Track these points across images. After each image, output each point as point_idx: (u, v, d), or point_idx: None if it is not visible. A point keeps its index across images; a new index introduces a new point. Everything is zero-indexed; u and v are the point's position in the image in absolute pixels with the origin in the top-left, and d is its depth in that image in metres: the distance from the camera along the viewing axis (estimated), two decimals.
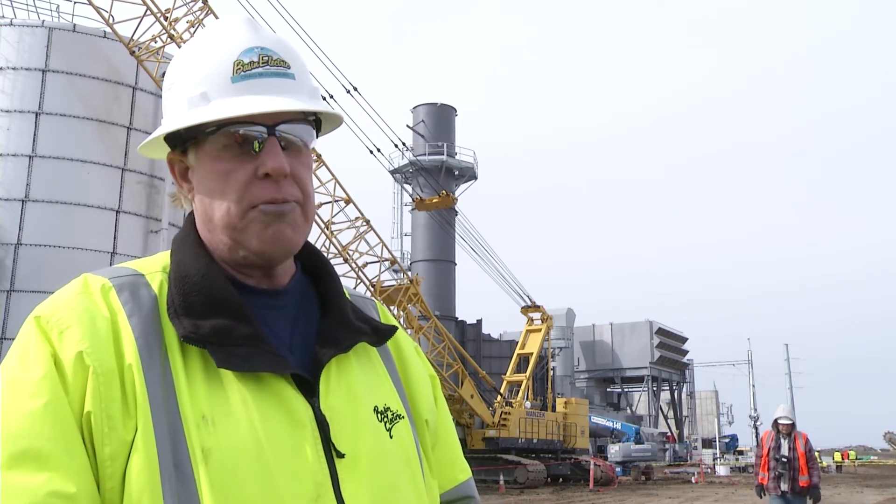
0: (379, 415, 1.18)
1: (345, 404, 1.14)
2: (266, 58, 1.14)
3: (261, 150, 1.12)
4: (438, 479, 1.31)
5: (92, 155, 20.57)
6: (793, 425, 10.25)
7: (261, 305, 1.16)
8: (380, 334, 1.27)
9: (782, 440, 10.14)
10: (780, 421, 10.30)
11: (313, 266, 1.28)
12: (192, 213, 1.22)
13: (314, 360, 1.15)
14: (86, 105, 20.79)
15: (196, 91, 1.13)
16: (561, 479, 31.79)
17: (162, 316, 1.10)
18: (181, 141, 1.16)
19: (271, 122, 1.12)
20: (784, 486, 10.01)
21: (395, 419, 1.20)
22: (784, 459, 10.01)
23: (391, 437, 1.17)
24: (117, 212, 20.81)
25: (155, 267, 1.17)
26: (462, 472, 1.38)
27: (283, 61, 1.15)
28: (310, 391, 1.12)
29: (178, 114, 1.15)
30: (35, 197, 19.94)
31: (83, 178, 20.33)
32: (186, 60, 1.17)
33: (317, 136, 1.21)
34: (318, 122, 1.20)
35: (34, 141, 20.17)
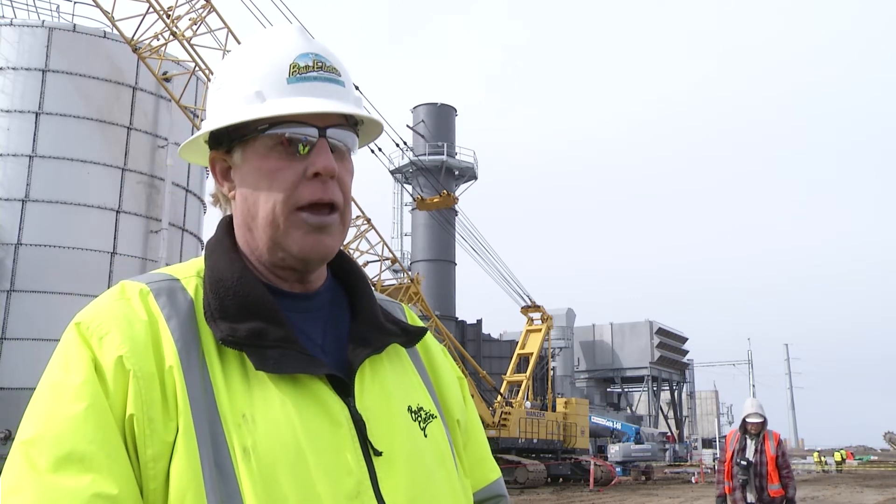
0: (413, 414, 1.21)
1: (379, 404, 1.17)
2: (320, 63, 1.19)
3: (308, 152, 1.15)
4: (470, 479, 1.34)
5: (92, 155, 20.55)
6: (763, 423, 8.55)
7: (293, 309, 1.19)
8: (410, 336, 1.29)
9: (748, 441, 8.52)
10: (748, 419, 8.58)
11: (343, 270, 1.31)
12: (224, 218, 1.26)
13: (348, 361, 1.18)
14: (86, 105, 20.77)
15: (251, 90, 1.16)
16: (561, 479, 31.79)
17: (199, 319, 1.13)
18: (227, 139, 1.20)
19: (322, 124, 1.16)
20: (750, 497, 8.35)
21: (429, 418, 1.23)
22: (743, 464, 8.37)
23: (426, 436, 1.20)
24: (117, 212, 20.79)
25: (189, 272, 1.20)
26: (492, 471, 1.42)
27: (334, 68, 1.20)
28: (345, 392, 1.14)
29: (231, 111, 1.18)
30: (35, 197, 19.92)
31: (83, 178, 20.32)
32: (238, 63, 1.21)
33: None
34: (357, 131, 1.24)
35: (34, 141, 20.15)
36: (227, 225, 1.25)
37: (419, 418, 1.20)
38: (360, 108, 1.21)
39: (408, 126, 45.02)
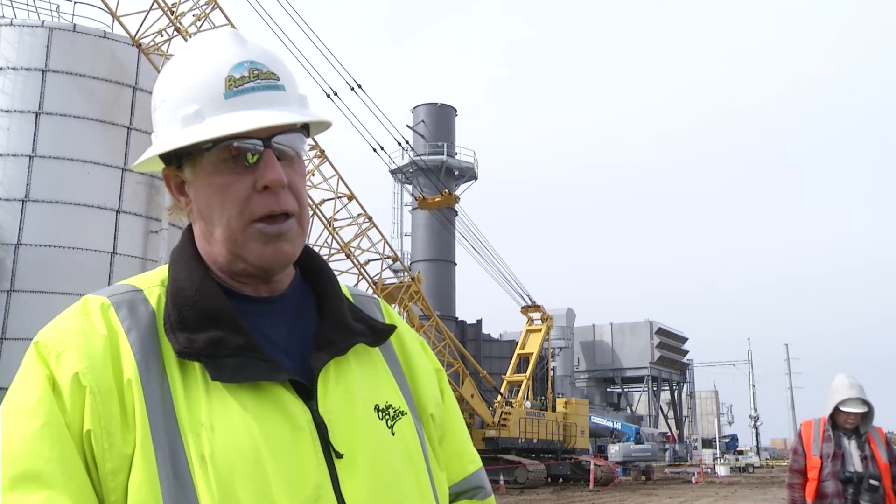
0: (380, 413, 1.20)
1: (343, 405, 1.17)
2: (256, 72, 1.16)
3: (256, 163, 1.14)
4: (447, 472, 1.34)
5: (92, 155, 20.55)
6: (868, 415, 5.25)
7: (257, 313, 1.19)
8: (377, 334, 1.29)
9: (847, 442, 5.24)
10: (842, 408, 5.19)
11: (311, 269, 1.30)
12: (189, 226, 1.26)
13: (312, 364, 1.18)
14: (86, 105, 20.77)
15: (189, 109, 1.15)
16: (561, 479, 31.79)
17: (160, 330, 1.13)
18: (176, 157, 1.19)
19: (266, 134, 1.14)
20: None
21: (398, 416, 1.22)
22: (873, 483, 5.08)
23: (393, 434, 1.19)
24: (117, 212, 20.79)
25: (153, 282, 1.20)
26: (471, 463, 1.42)
27: (272, 73, 1.18)
28: (308, 395, 1.14)
29: (172, 132, 1.17)
30: (35, 197, 19.92)
31: (83, 178, 20.32)
32: (174, 77, 1.19)
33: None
34: (307, 126, 1.22)
35: (34, 141, 20.15)
36: (191, 232, 1.25)
37: (387, 416, 1.20)
38: (303, 113, 1.18)
39: (408, 126, 44.99)
